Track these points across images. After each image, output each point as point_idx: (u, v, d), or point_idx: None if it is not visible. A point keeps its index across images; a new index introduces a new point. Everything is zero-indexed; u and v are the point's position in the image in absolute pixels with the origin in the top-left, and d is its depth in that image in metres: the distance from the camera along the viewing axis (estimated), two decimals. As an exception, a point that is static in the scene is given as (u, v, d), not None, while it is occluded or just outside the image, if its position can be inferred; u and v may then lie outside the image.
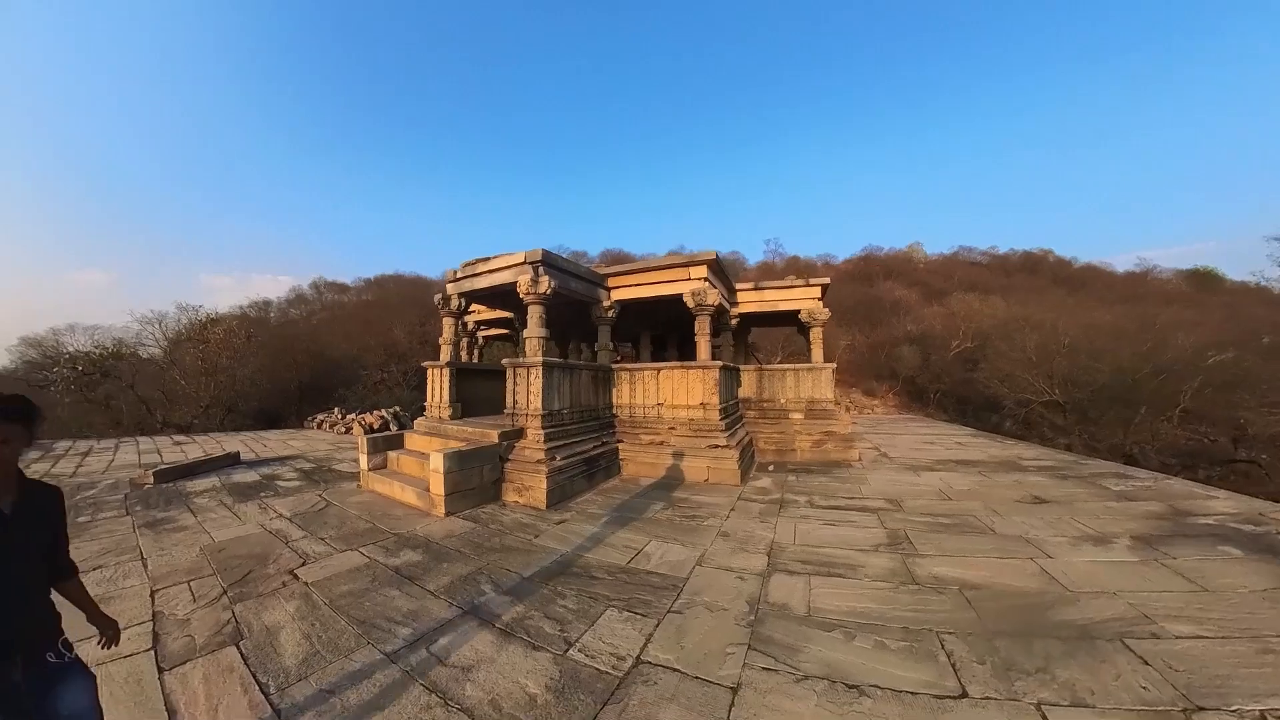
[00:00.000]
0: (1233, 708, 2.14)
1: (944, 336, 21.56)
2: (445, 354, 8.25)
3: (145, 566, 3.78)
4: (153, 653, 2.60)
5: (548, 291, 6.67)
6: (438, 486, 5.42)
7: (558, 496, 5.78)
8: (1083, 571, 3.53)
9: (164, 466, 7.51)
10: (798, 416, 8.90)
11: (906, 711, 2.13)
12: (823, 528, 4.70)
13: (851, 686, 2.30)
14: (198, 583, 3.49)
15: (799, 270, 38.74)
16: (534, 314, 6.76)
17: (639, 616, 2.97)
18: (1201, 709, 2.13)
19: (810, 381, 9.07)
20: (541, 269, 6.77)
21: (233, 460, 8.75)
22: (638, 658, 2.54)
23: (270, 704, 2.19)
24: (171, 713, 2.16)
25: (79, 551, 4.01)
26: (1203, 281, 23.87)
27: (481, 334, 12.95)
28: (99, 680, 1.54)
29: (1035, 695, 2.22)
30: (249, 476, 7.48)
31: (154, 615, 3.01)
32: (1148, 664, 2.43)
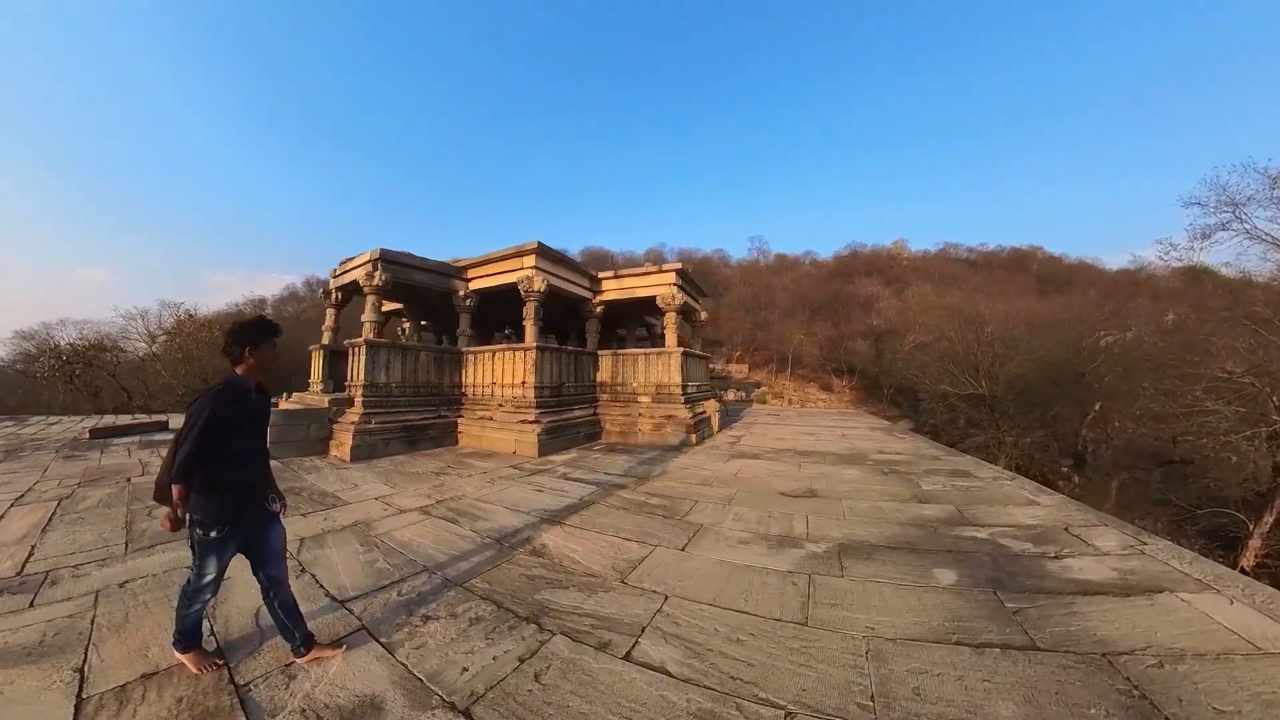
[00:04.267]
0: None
1: (902, 331, 21.99)
2: (325, 339, 9.86)
3: (44, 472, 6.07)
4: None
5: (379, 284, 8.15)
6: (271, 437, 7.01)
7: (365, 453, 7.21)
8: (663, 561, 3.36)
9: (99, 426, 9.40)
10: (645, 400, 10.01)
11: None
12: (531, 493, 5.24)
13: (376, 547, 3.60)
14: (67, 479, 5.69)
15: (786, 267, 39.28)
16: (369, 303, 8.26)
17: (299, 512, 4.47)
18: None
19: (660, 366, 10.12)
20: (379, 265, 8.25)
21: (161, 426, 10.62)
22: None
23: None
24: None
25: (13, 467, 6.46)
26: (1194, 277, 23.38)
27: (406, 323, 14.59)
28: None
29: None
30: (165, 436, 9.28)
31: (33, 488, 5.08)
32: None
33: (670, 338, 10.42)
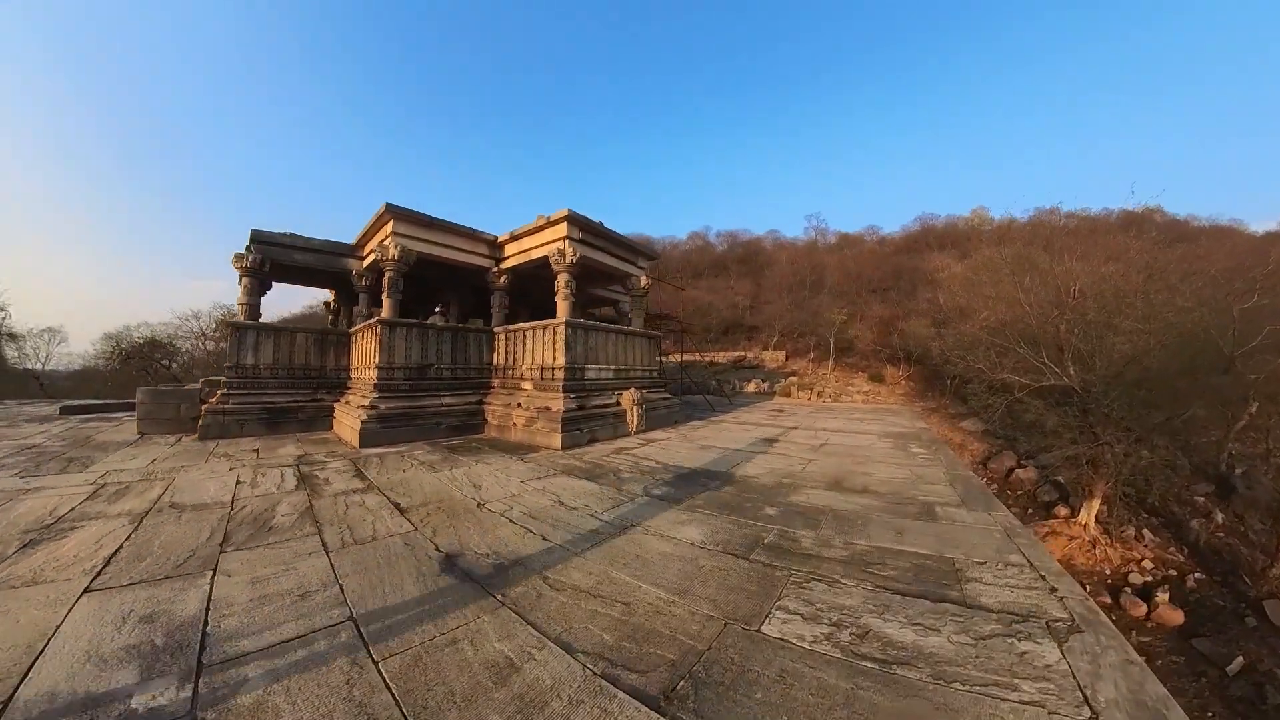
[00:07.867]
0: None
1: (972, 308, 18.73)
2: (245, 325, 10.91)
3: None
4: None
5: (249, 265, 8.81)
6: (138, 414, 8.01)
7: (215, 432, 7.85)
8: None
9: (69, 404, 11.47)
10: (528, 387, 9.16)
11: None
12: (204, 478, 5.08)
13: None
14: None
15: (846, 245, 35.70)
16: (244, 284, 8.94)
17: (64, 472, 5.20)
18: None
19: (544, 343, 9.10)
20: (253, 248, 8.92)
21: (129, 406, 12.62)
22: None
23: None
24: None
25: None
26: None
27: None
28: None
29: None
30: (121, 415, 11.05)
31: None
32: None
33: (561, 306, 9.29)
